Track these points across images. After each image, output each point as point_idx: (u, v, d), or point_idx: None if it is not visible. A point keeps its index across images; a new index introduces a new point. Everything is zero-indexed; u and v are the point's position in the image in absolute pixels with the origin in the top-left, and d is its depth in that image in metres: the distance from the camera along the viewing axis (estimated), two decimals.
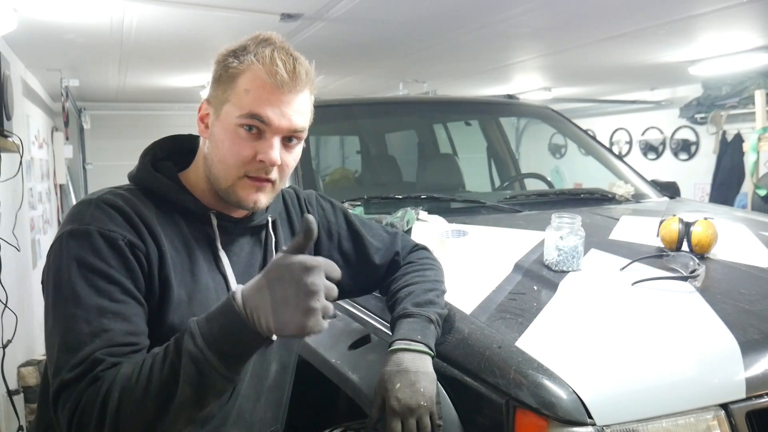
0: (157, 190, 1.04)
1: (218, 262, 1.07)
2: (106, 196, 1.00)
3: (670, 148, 6.99)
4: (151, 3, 2.91)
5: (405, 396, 1.01)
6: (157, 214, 1.02)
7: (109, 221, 0.95)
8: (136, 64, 4.49)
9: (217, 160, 1.03)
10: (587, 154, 2.67)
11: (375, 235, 1.32)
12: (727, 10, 3.24)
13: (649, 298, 1.24)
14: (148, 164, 1.07)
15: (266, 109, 0.99)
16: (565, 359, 1.01)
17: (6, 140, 2.67)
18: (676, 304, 1.21)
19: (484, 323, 1.15)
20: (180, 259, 1.02)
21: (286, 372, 1.21)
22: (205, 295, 1.02)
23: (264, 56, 0.99)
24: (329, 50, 3.99)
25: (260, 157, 1.00)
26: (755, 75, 5.54)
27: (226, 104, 1.01)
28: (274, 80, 0.99)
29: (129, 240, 0.95)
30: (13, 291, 2.87)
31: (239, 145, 1.00)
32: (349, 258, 1.28)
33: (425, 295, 1.18)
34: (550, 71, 5.38)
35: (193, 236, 1.05)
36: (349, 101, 2.73)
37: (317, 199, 1.31)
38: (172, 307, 0.98)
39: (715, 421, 0.97)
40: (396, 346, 1.08)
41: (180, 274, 1.01)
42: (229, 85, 1.01)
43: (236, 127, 1.00)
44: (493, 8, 3.15)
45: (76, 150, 6.20)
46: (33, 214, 4.00)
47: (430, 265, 1.30)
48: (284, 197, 1.25)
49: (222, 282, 1.06)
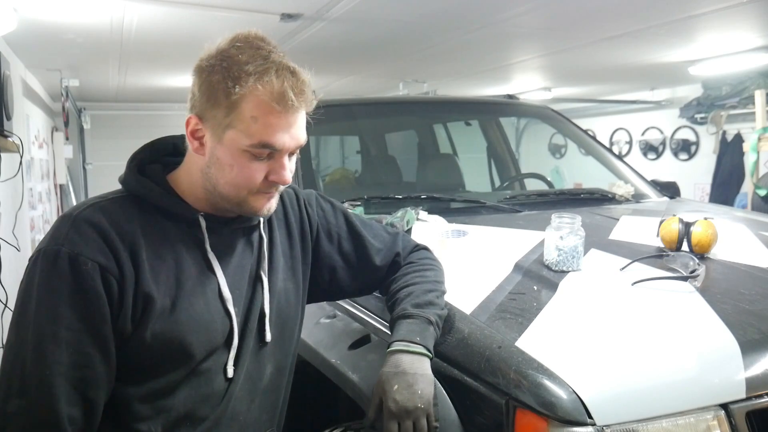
0: (144, 195, 1.03)
1: (208, 264, 1.06)
2: (86, 212, 0.98)
3: (670, 148, 6.99)
4: (151, 3, 2.91)
5: (402, 398, 1.01)
6: (142, 221, 1.01)
7: (81, 242, 0.94)
8: (136, 64, 4.50)
9: (224, 183, 1.02)
10: (587, 154, 2.67)
11: (376, 236, 1.31)
12: (727, 10, 3.24)
13: (649, 298, 1.24)
14: (134, 169, 1.06)
15: (277, 137, 0.98)
16: (565, 359, 1.01)
17: (6, 140, 2.67)
18: (676, 304, 1.21)
19: (484, 323, 1.15)
20: (164, 267, 1.00)
21: (282, 374, 1.19)
22: (190, 300, 1.01)
23: (269, 80, 0.95)
24: (329, 50, 3.99)
25: (273, 179, 1.01)
26: (755, 75, 5.54)
27: (229, 130, 0.98)
28: (283, 107, 0.96)
29: (100, 264, 0.94)
30: (13, 291, 2.86)
31: (250, 170, 1.00)
32: (350, 259, 1.27)
33: (425, 296, 1.17)
34: (550, 71, 5.38)
35: (181, 240, 1.04)
36: (349, 101, 2.73)
37: (317, 200, 1.30)
38: (155, 317, 0.97)
39: (715, 421, 0.97)
40: (394, 347, 1.08)
41: (164, 283, 0.99)
42: (232, 110, 0.97)
43: (245, 153, 0.99)
44: (493, 8, 3.15)
45: (76, 150, 6.21)
46: (33, 214, 4.00)
47: (430, 266, 1.29)
48: (282, 197, 1.23)
49: (215, 283, 1.05)
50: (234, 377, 1.06)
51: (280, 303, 1.15)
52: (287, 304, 1.16)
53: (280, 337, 1.15)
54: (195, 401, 1.03)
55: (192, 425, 1.03)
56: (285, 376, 1.20)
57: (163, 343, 0.98)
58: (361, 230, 1.29)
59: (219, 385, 1.05)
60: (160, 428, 1.00)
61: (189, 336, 0.99)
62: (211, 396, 1.05)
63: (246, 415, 1.10)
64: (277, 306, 1.14)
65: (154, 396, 1.00)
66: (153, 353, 0.98)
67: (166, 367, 1.00)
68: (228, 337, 1.05)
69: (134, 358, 0.98)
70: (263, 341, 1.11)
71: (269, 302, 1.11)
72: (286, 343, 1.17)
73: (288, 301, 1.17)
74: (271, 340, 1.12)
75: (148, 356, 0.98)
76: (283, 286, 1.16)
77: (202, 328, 1.01)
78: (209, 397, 1.04)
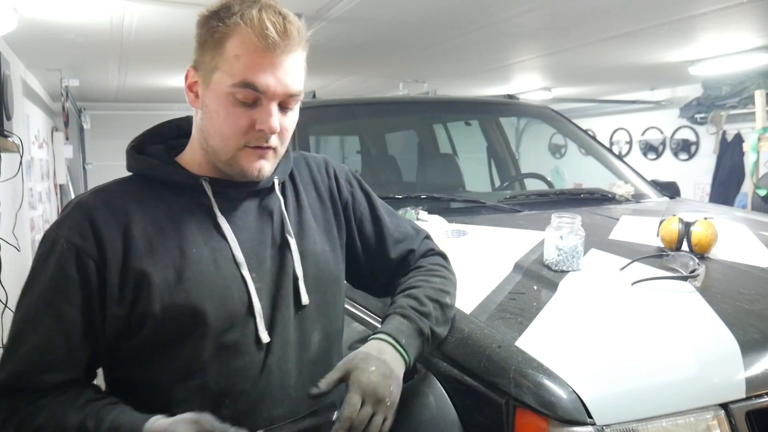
0: (143, 171, 1.04)
1: (218, 230, 1.02)
2: (83, 196, 1.01)
3: (670, 148, 7.00)
4: (151, 3, 2.91)
5: (377, 381, 0.94)
6: (140, 197, 1.00)
7: (65, 225, 0.97)
8: (136, 64, 4.50)
9: (213, 132, 0.99)
10: (587, 154, 2.67)
11: (399, 227, 1.24)
12: (727, 10, 3.24)
13: (649, 298, 1.24)
14: (131, 150, 1.06)
15: (259, 76, 0.94)
16: (565, 359, 1.01)
17: (6, 140, 2.67)
18: (676, 304, 1.21)
19: (484, 323, 1.15)
20: (164, 240, 0.98)
21: (331, 341, 1.12)
22: (198, 268, 0.98)
23: (251, 17, 0.93)
24: (329, 50, 3.99)
25: (259, 126, 0.97)
26: (755, 75, 5.55)
27: (215, 72, 0.96)
28: (264, 42, 0.93)
29: (76, 245, 0.94)
30: (13, 291, 2.86)
31: (235, 116, 0.96)
32: (368, 243, 1.20)
33: (424, 307, 1.10)
34: (550, 71, 5.38)
35: (186, 209, 1.01)
36: (349, 101, 2.73)
37: (347, 174, 1.24)
38: (158, 290, 0.95)
39: (715, 421, 0.97)
40: (382, 337, 1.03)
41: (163, 255, 0.97)
42: (217, 50, 0.96)
43: (229, 96, 0.96)
44: (493, 8, 3.15)
45: (76, 150, 6.21)
46: (33, 214, 4.00)
47: (439, 272, 1.20)
48: (308, 162, 1.20)
49: (226, 247, 1.01)
50: (271, 347, 1.01)
51: (319, 266, 1.10)
52: (326, 266, 1.11)
53: (323, 302, 1.10)
54: (229, 376, 0.99)
55: (233, 402, 0.99)
56: (334, 342, 1.14)
57: (175, 314, 0.95)
58: (383, 216, 1.23)
59: (252, 356, 1.00)
60: (198, 409, 0.92)
61: (201, 304, 0.96)
62: (246, 369, 1.00)
63: (295, 387, 1.04)
64: (315, 269, 1.09)
65: (186, 376, 0.97)
66: (168, 327, 0.95)
67: (188, 342, 0.96)
68: (249, 303, 1.00)
69: (153, 337, 0.96)
70: (300, 306, 1.06)
71: (301, 265, 1.07)
72: (330, 307, 1.12)
73: (327, 264, 1.12)
74: (312, 305, 1.07)
75: (165, 332, 0.96)
76: (320, 249, 1.11)
77: (215, 295, 0.97)
78: (243, 370, 0.99)
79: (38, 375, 0.93)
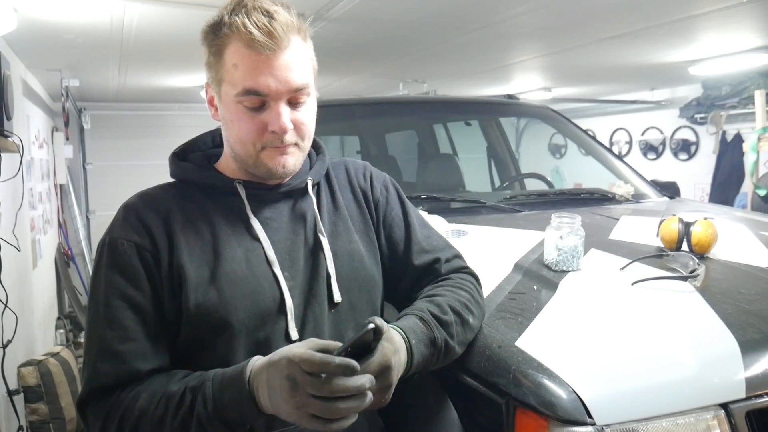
0: (182, 177, 1.10)
1: (251, 231, 1.05)
2: (130, 200, 1.07)
3: (670, 148, 6.99)
4: (151, 3, 2.91)
5: (388, 356, 0.86)
6: (179, 200, 1.06)
7: (120, 227, 1.02)
8: (136, 64, 4.49)
9: (234, 141, 1.04)
10: (587, 154, 2.67)
11: (428, 237, 1.21)
12: (727, 10, 3.24)
13: (649, 298, 1.24)
14: (173, 158, 1.13)
15: (259, 80, 0.97)
16: (564, 359, 1.01)
17: (6, 140, 2.67)
18: (675, 303, 1.21)
19: (484, 323, 1.15)
20: (200, 241, 1.02)
21: None
22: (231, 267, 1.01)
23: (237, 24, 0.96)
24: (329, 50, 3.99)
25: (270, 128, 1.00)
26: (755, 75, 5.54)
27: (222, 84, 1.01)
28: (253, 47, 0.95)
29: (135, 242, 1.00)
30: (13, 291, 2.86)
31: (247, 122, 1.00)
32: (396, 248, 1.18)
33: (445, 316, 1.04)
34: (550, 71, 5.38)
35: (220, 211, 1.06)
36: (349, 101, 2.73)
37: (384, 181, 1.25)
38: (193, 288, 0.98)
39: (714, 421, 0.97)
40: (394, 327, 0.96)
41: (199, 255, 1.01)
42: (219, 63, 1.00)
43: (238, 105, 1.00)
44: (493, 8, 3.15)
45: (76, 150, 6.21)
46: (33, 214, 4.00)
47: (468, 287, 1.14)
48: (347, 164, 1.23)
49: (259, 247, 1.04)
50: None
51: (353, 264, 1.10)
52: (361, 265, 1.12)
53: (357, 300, 1.10)
54: None
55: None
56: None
57: (207, 312, 0.98)
58: (414, 225, 1.20)
59: None
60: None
61: (232, 302, 0.99)
62: None
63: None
64: (349, 268, 1.10)
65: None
66: (202, 324, 0.98)
67: (221, 340, 0.98)
68: (281, 301, 1.02)
69: (190, 334, 0.99)
70: (333, 304, 1.07)
71: (334, 264, 1.08)
72: (365, 305, 1.11)
73: (362, 263, 1.12)
74: (345, 303, 1.08)
75: (200, 329, 0.98)
76: (355, 248, 1.12)
77: (246, 294, 1.00)
78: None
79: (130, 364, 0.95)
